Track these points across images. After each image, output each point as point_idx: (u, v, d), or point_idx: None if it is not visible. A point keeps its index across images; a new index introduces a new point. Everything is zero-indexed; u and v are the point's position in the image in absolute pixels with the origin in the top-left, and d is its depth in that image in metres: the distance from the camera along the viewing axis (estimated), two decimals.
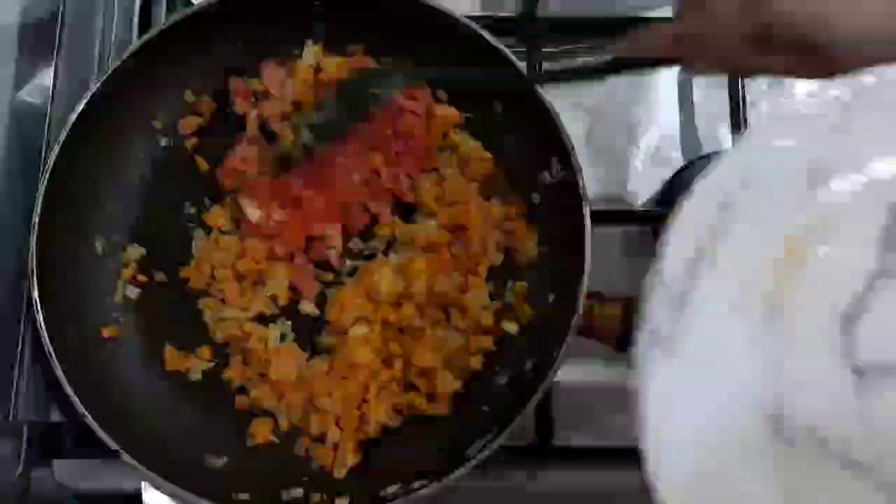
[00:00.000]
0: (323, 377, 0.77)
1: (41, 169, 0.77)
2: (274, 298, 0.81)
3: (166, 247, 0.82)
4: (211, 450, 0.77)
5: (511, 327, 0.80)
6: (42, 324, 0.73)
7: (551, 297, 0.79)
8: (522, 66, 0.80)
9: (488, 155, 0.83)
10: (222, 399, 0.79)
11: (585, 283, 0.73)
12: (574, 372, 0.81)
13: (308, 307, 0.81)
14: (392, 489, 0.73)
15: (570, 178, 0.76)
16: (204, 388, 0.80)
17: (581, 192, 0.75)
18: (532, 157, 0.81)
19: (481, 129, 0.84)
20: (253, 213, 0.81)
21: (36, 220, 0.75)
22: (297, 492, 0.75)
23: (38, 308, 0.74)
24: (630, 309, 0.75)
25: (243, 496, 0.73)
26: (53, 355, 0.73)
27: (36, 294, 0.74)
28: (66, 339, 0.75)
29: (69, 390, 0.72)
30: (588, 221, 0.75)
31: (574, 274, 0.74)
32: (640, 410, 0.48)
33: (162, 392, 0.79)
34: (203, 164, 0.84)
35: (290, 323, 0.81)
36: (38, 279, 0.74)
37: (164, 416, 0.78)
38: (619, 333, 0.74)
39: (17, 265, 0.76)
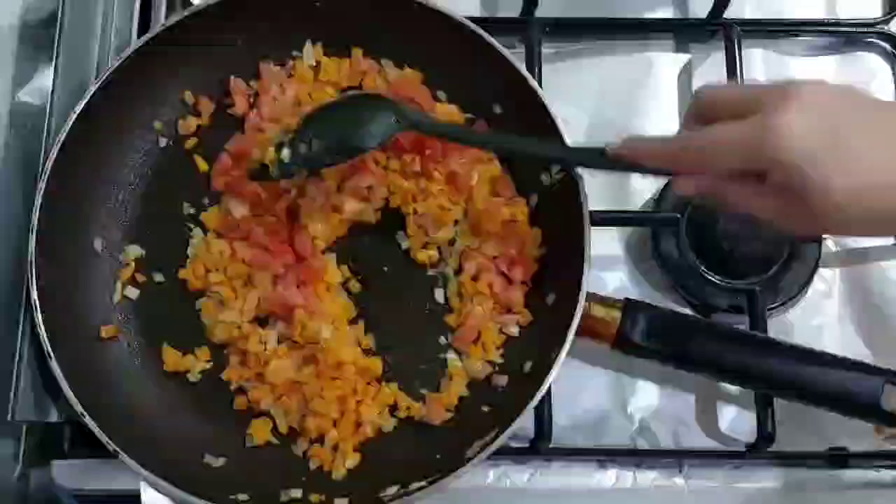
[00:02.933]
0: (314, 379, 0.77)
1: (40, 169, 0.77)
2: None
3: (165, 247, 0.82)
4: (210, 450, 0.77)
5: (512, 329, 0.80)
6: (41, 324, 0.73)
7: (551, 298, 0.79)
8: (522, 66, 0.80)
9: (493, 155, 0.83)
10: (221, 399, 0.79)
11: (585, 285, 0.73)
12: (574, 372, 0.81)
13: (282, 327, 0.80)
14: (391, 490, 0.72)
15: (570, 180, 0.76)
16: (203, 388, 0.79)
17: (580, 193, 0.75)
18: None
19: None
20: (237, 209, 0.81)
21: (35, 220, 0.75)
22: (297, 492, 0.75)
23: (38, 308, 0.73)
24: (628, 310, 0.75)
25: (242, 497, 0.73)
26: (52, 355, 0.73)
27: (35, 294, 0.74)
28: (65, 339, 0.74)
29: (68, 390, 0.72)
30: (587, 223, 0.75)
31: (574, 275, 0.74)
32: None
33: (161, 392, 0.79)
34: (202, 164, 0.84)
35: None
36: (37, 279, 0.74)
37: (163, 416, 0.78)
38: (616, 334, 0.74)
39: (16, 265, 0.76)
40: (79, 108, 0.77)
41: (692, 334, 0.73)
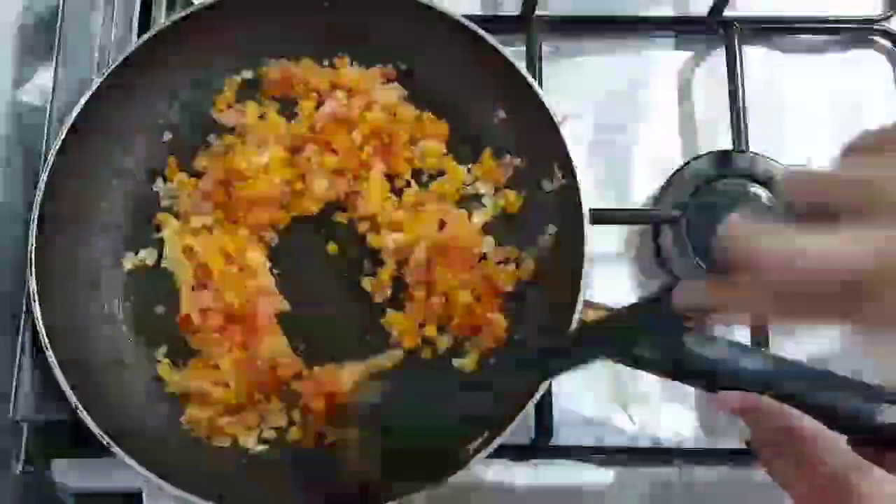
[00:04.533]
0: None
1: (41, 168, 0.77)
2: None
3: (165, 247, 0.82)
4: (207, 447, 0.77)
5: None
6: (40, 321, 0.73)
7: (548, 304, 0.79)
8: (522, 65, 0.80)
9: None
10: None
11: (583, 290, 0.73)
12: (573, 372, 0.81)
13: None
14: None
15: (571, 186, 0.76)
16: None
17: (581, 200, 0.75)
18: (533, 162, 0.81)
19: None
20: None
21: (35, 219, 0.75)
22: None
23: (38, 306, 0.73)
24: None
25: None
26: (49, 348, 0.72)
27: (35, 292, 0.74)
28: (64, 336, 0.74)
29: (64, 385, 0.72)
30: (587, 229, 0.75)
31: (572, 280, 0.74)
32: None
33: (160, 389, 0.79)
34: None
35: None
36: (36, 277, 0.74)
37: (163, 414, 0.78)
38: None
39: (17, 264, 0.76)
40: (78, 106, 0.77)
41: (687, 346, 0.73)
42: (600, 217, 0.81)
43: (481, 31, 0.79)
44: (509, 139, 0.83)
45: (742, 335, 0.82)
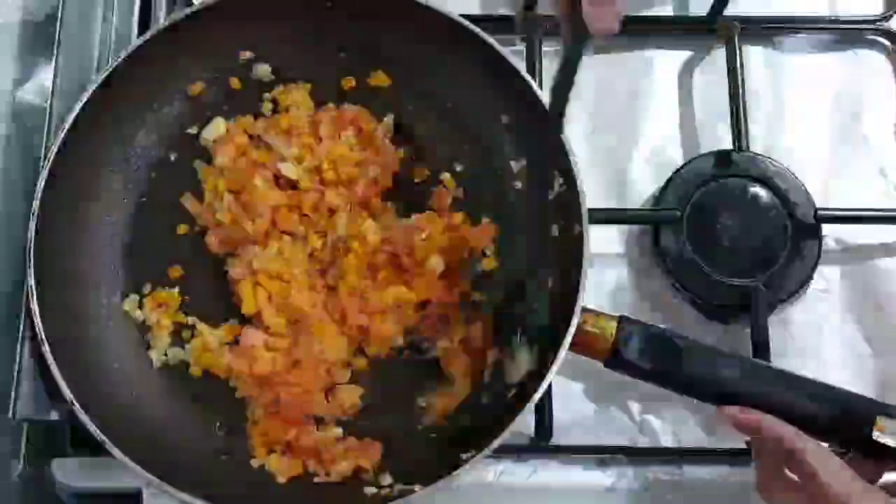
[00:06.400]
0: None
1: (41, 167, 0.77)
2: None
3: (165, 244, 0.82)
4: (211, 448, 0.77)
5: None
6: (39, 319, 0.73)
7: (550, 303, 0.78)
8: (521, 65, 0.80)
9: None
10: (221, 397, 0.79)
11: (582, 291, 0.73)
12: (575, 370, 0.81)
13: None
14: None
15: (571, 187, 0.76)
16: (202, 385, 0.79)
17: (581, 200, 0.75)
18: (533, 163, 0.81)
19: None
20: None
21: (34, 217, 0.75)
22: None
23: (36, 304, 0.73)
24: (622, 327, 0.74)
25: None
26: (46, 343, 0.72)
27: (33, 290, 0.74)
28: (63, 335, 0.74)
29: (61, 381, 0.72)
30: (587, 236, 0.75)
31: (571, 286, 0.74)
32: None
33: (159, 389, 0.79)
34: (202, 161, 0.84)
35: None
36: (35, 276, 0.74)
37: (163, 414, 0.78)
38: (610, 350, 0.74)
39: (16, 264, 0.76)
40: (78, 105, 0.77)
41: (685, 356, 0.73)
42: (600, 217, 0.82)
43: (481, 32, 0.79)
44: (510, 140, 0.83)
45: (744, 349, 0.82)
